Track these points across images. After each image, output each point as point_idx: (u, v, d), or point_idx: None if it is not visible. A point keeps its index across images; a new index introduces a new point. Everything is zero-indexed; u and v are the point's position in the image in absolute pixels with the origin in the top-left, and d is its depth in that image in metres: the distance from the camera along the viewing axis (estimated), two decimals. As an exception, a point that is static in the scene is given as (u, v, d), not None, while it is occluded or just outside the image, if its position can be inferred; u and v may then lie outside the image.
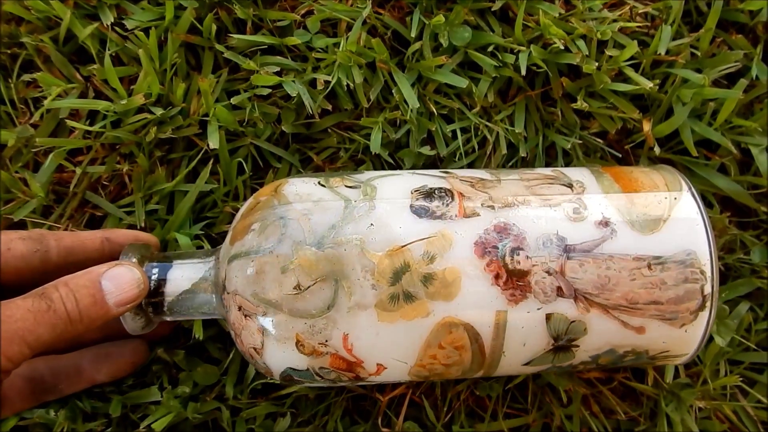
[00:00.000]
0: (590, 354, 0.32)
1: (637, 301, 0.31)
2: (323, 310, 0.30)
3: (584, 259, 0.31)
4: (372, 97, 0.40)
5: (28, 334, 0.29)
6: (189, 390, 0.38)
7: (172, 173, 0.40)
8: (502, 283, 0.30)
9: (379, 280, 0.30)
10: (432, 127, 0.40)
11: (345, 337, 0.30)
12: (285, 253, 0.30)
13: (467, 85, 0.40)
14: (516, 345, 0.31)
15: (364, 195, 0.32)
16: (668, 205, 0.32)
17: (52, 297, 0.30)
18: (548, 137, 0.41)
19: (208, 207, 0.41)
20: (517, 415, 0.39)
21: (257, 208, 0.32)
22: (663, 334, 0.32)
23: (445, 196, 0.32)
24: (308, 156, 0.41)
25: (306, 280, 0.30)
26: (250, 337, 0.31)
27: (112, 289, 0.31)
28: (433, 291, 0.30)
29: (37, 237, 0.34)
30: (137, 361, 0.37)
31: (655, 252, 0.31)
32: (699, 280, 0.31)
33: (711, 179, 0.41)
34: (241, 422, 0.38)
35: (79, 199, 0.40)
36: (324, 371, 0.32)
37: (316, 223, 0.30)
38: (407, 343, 0.31)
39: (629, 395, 0.40)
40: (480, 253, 0.30)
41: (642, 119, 0.41)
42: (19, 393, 0.34)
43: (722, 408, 0.39)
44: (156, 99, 0.39)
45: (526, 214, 0.31)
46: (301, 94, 0.39)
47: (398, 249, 0.30)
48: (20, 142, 0.39)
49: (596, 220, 0.31)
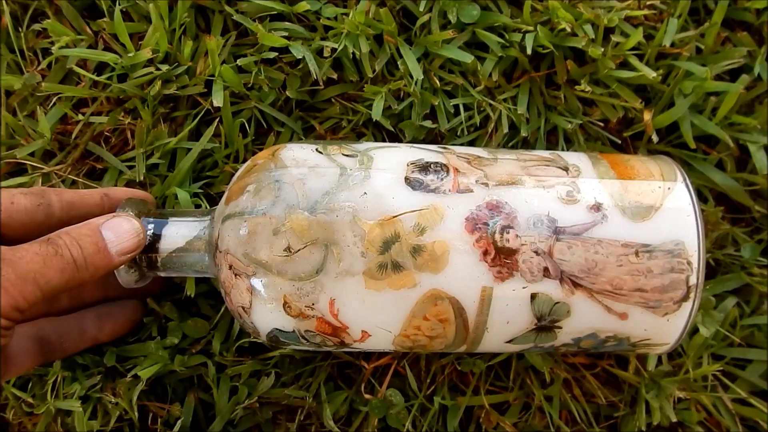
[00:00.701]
0: (572, 336, 0.33)
1: (622, 287, 0.31)
2: (311, 273, 0.30)
3: (573, 241, 0.31)
4: (377, 68, 0.40)
5: (39, 276, 0.29)
6: (177, 341, 0.38)
7: (174, 131, 0.41)
8: (490, 260, 0.30)
9: (369, 248, 0.30)
10: (435, 102, 0.40)
11: (331, 302, 0.31)
12: (278, 215, 0.30)
13: (472, 62, 0.40)
14: (499, 322, 0.32)
15: (360, 164, 0.32)
16: (661, 195, 0.32)
17: (58, 243, 0.30)
18: (550, 120, 0.42)
19: (209, 167, 0.41)
20: (499, 392, 0.40)
21: (254, 170, 0.33)
22: (645, 322, 0.32)
23: (440, 170, 0.32)
24: (311, 125, 0.42)
25: (296, 243, 0.30)
26: (239, 296, 0.32)
27: (113, 238, 0.32)
28: (421, 263, 0.30)
29: (39, 192, 0.35)
30: (136, 319, 0.39)
31: (643, 240, 0.31)
32: (685, 271, 0.31)
33: (708, 174, 0.42)
34: (226, 378, 0.39)
35: (81, 150, 0.41)
36: (309, 334, 0.32)
37: (311, 189, 0.31)
38: (392, 312, 0.31)
39: (611, 382, 0.41)
40: (470, 228, 0.31)
41: (643, 109, 0.41)
42: (27, 353, 0.35)
43: (701, 399, 0.39)
44: (163, 57, 0.40)
45: (519, 194, 0.32)
46: (307, 59, 0.39)
47: (390, 219, 0.30)
48: (27, 89, 0.40)
49: (588, 204, 0.31)
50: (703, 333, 0.38)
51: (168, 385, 0.39)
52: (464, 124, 0.41)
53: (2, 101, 0.41)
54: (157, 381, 0.39)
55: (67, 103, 0.40)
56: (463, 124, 0.41)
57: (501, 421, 0.39)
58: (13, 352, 0.34)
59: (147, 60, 0.39)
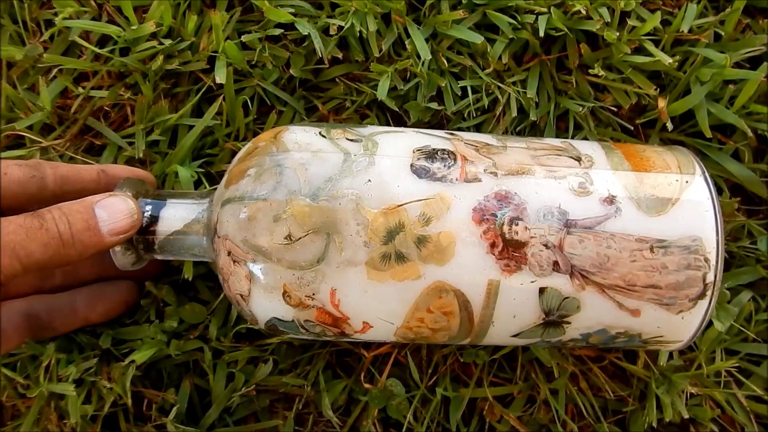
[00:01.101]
0: (581, 332, 0.32)
1: (635, 283, 0.30)
2: (313, 262, 0.29)
3: (585, 235, 0.30)
4: (384, 48, 0.39)
5: (19, 248, 0.28)
6: (175, 325, 0.37)
7: (175, 108, 0.40)
8: (498, 252, 0.29)
9: (372, 237, 0.29)
10: (442, 83, 0.39)
11: (333, 292, 0.30)
12: (279, 201, 0.29)
13: (482, 44, 0.38)
14: (506, 316, 0.31)
15: (364, 149, 0.31)
16: (678, 188, 0.31)
17: (45, 217, 0.30)
18: (560, 105, 0.40)
19: (209, 145, 0.40)
20: (502, 384, 0.39)
21: (255, 153, 0.31)
22: (658, 319, 0.31)
23: (447, 158, 0.31)
24: (314, 105, 0.40)
25: (298, 231, 0.29)
26: (238, 284, 0.31)
27: (106, 217, 0.31)
28: (426, 254, 0.29)
29: (34, 164, 0.34)
30: (130, 300, 0.37)
31: (659, 235, 0.30)
32: (702, 268, 0.30)
33: (723, 164, 0.40)
34: (223, 365, 0.38)
35: (80, 125, 0.40)
36: (309, 324, 0.31)
37: (313, 174, 0.30)
38: (395, 304, 0.30)
39: (619, 375, 0.40)
40: (477, 219, 0.29)
41: (657, 96, 0.39)
42: (16, 329, 0.34)
43: (714, 395, 0.38)
44: (167, 32, 0.39)
45: (529, 184, 0.30)
46: (313, 37, 0.38)
47: (394, 208, 0.29)
48: (28, 61, 0.39)
49: (601, 197, 0.30)
50: (718, 327, 0.37)
51: (163, 370, 0.39)
52: (472, 107, 0.40)
53: (3, 72, 0.40)
54: (152, 366, 0.38)
55: (68, 76, 0.39)
56: (471, 107, 0.40)
57: (505, 414, 0.38)
58: (2, 326, 0.34)
59: (150, 34, 0.38)
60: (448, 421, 0.38)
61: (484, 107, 0.40)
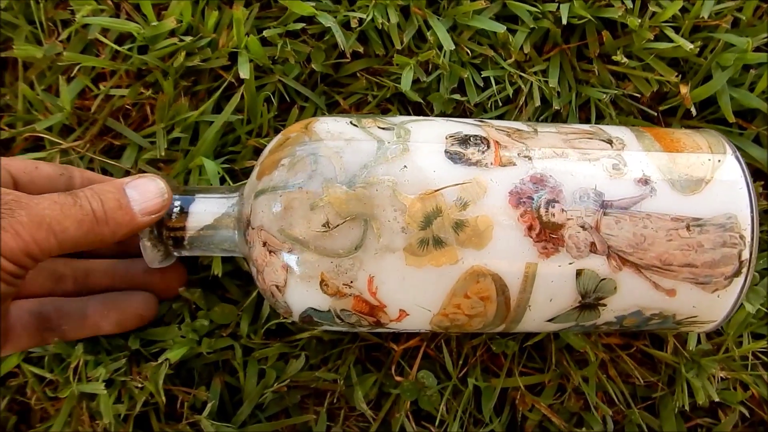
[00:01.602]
0: (616, 314, 0.32)
1: (672, 263, 0.30)
2: (350, 250, 0.29)
3: (621, 216, 0.30)
4: (405, 40, 0.39)
5: (55, 223, 0.28)
6: (207, 323, 0.37)
7: (196, 106, 0.40)
8: (535, 235, 0.29)
9: (410, 223, 0.29)
10: (464, 74, 0.39)
11: (370, 280, 0.29)
12: (315, 189, 0.29)
13: (503, 34, 0.38)
14: (542, 299, 0.31)
15: (397, 137, 0.31)
16: (711, 167, 0.31)
17: (79, 195, 0.30)
18: (582, 94, 0.40)
19: (230, 143, 0.40)
20: (532, 373, 0.39)
21: (287, 143, 0.31)
22: (694, 299, 0.31)
23: (480, 143, 0.31)
24: (335, 100, 0.40)
25: (335, 218, 0.29)
26: (273, 274, 0.30)
27: (137, 196, 0.31)
28: (464, 238, 0.29)
29: (63, 165, 0.35)
30: (145, 314, 0.36)
31: (694, 213, 0.30)
32: (737, 245, 0.30)
33: (745, 149, 0.40)
34: (253, 362, 0.38)
35: (100, 126, 0.39)
36: (345, 314, 0.31)
37: (348, 162, 0.30)
38: (433, 290, 0.30)
39: (646, 362, 0.40)
40: (514, 202, 0.29)
41: (679, 83, 0.40)
42: (25, 328, 0.34)
43: (743, 377, 0.38)
44: (186, 29, 0.38)
45: (563, 167, 0.30)
46: (334, 30, 0.38)
47: (431, 193, 0.29)
48: (47, 61, 0.39)
49: (636, 178, 0.30)
50: (748, 309, 0.37)
51: (194, 369, 0.38)
52: (496, 97, 0.40)
53: (20, 72, 0.40)
54: (181, 365, 0.38)
55: (86, 76, 0.39)
56: (494, 97, 0.40)
57: (536, 403, 0.38)
58: (11, 324, 0.33)
59: (169, 31, 0.38)
60: (480, 412, 0.38)
61: (507, 97, 0.40)
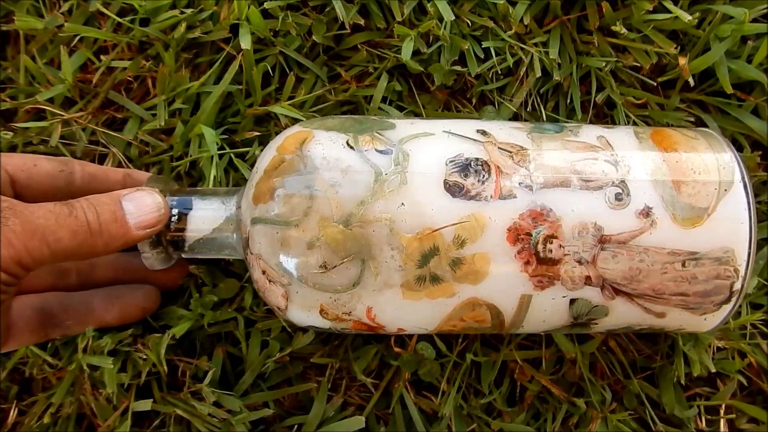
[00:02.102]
0: (606, 329, 0.33)
1: (664, 292, 0.30)
2: (348, 287, 0.30)
3: (618, 250, 0.30)
4: (405, 12, 0.37)
5: (49, 233, 0.28)
6: (215, 299, 0.38)
7: (197, 78, 0.39)
8: (531, 270, 0.30)
9: (407, 262, 0.29)
10: (465, 46, 0.38)
11: (369, 309, 0.30)
12: (311, 228, 0.29)
13: (503, 6, 0.37)
14: (536, 321, 0.32)
15: (395, 164, 0.30)
16: (716, 197, 0.30)
17: (74, 205, 0.30)
18: (582, 65, 0.39)
19: (230, 114, 0.39)
20: (531, 347, 0.41)
21: (281, 169, 0.30)
22: (682, 320, 0.32)
23: (481, 169, 0.30)
24: (336, 73, 0.39)
25: (332, 258, 0.29)
26: (275, 299, 0.31)
27: (133, 210, 0.31)
28: (460, 275, 0.29)
29: (64, 160, 0.35)
30: (148, 307, 0.37)
31: (692, 247, 0.30)
32: (731, 278, 0.30)
33: (744, 120, 0.40)
34: (256, 332, 0.39)
35: (102, 99, 0.39)
36: (346, 330, 0.32)
37: (345, 198, 0.29)
38: (429, 316, 0.31)
39: (645, 335, 0.41)
40: (512, 240, 0.29)
41: (678, 55, 0.39)
42: (28, 324, 0.34)
43: (741, 347, 0.40)
44: (187, 2, 0.38)
45: (564, 198, 0.30)
46: (335, 2, 0.36)
47: (429, 233, 0.29)
48: (48, 34, 0.38)
49: (638, 209, 0.30)
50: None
51: (196, 340, 0.40)
52: (497, 68, 0.38)
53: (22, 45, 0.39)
54: (184, 337, 0.39)
55: (88, 49, 0.38)
56: (495, 68, 0.38)
57: (535, 375, 0.40)
58: (14, 320, 0.33)
59: (170, 4, 0.37)
60: (480, 383, 0.40)
61: (508, 69, 0.38)
